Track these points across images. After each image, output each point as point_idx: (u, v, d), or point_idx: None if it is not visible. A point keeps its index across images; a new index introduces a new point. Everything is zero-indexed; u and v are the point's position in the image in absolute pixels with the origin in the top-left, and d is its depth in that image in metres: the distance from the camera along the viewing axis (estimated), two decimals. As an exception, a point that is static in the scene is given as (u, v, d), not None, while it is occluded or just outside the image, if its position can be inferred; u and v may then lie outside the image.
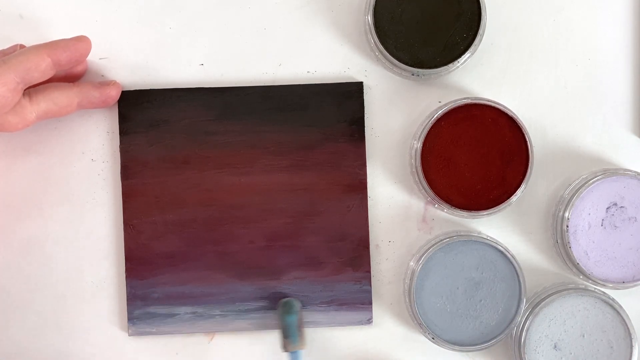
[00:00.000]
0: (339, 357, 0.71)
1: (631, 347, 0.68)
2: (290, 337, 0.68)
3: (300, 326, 0.68)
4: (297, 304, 0.68)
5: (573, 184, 0.69)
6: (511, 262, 0.68)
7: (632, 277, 0.69)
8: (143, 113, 0.70)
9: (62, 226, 0.70)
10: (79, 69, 0.69)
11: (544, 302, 0.68)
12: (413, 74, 0.68)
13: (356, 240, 0.70)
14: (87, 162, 0.70)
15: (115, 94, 0.68)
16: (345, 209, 0.70)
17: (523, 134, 0.67)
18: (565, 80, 0.71)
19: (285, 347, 0.68)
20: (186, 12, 0.70)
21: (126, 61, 0.70)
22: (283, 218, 0.70)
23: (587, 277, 0.68)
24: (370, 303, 0.70)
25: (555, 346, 0.68)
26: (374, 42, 0.68)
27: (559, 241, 0.69)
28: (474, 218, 0.70)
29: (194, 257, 0.70)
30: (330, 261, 0.70)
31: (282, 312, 0.68)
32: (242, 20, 0.70)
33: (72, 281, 0.70)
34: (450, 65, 0.68)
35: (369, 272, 0.70)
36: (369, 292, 0.70)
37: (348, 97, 0.70)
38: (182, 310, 0.70)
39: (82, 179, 0.70)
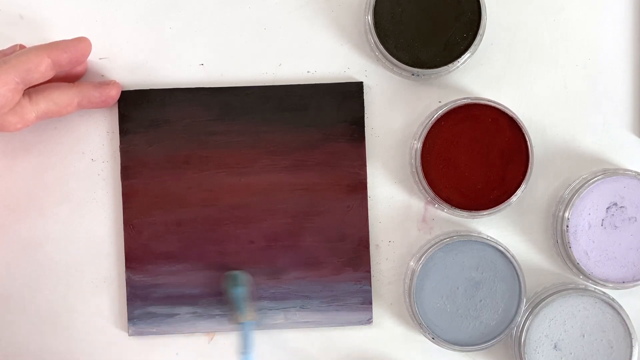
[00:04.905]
0: (339, 357, 0.71)
1: (631, 347, 0.68)
2: (239, 309, 0.67)
3: (248, 298, 0.67)
4: (243, 276, 0.68)
5: (573, 184, 0.69)
6: (511, 262, 0.68)
7: (632, 277, 0.69)
8: (143, 113, 0.70)
9: (62, 226, 0.70)
10: (79, 69, 0.69)
11: (544, 302, 0.68)
12: (413, 74, 0.68)
13: (356, 240, 0.70)
14: (87, 162, 0.70)
15: (115, 94, 0.68)
16: (345, 209, 0.70)
17: (523, 134, 0.67)
18: (565, 80, 0.71)
19: (236, 319, 0.67)
20: (186, 12, 0.70)
21: (126, 61, 0.70)
22: (283, 218, 0.70)
23: (587, 277, 0.68)
24: (370, 303, 0.70)
25: (555, 346, 0.68)
26: (374, 42, 0.68)
27: (559, 241, 0.69)
28: (474, 218, 0.70)
29: (194, 257, 0.70)
30: (330, 261, 0.70)
31: (228, 285, 0.67)
32: (242, 20, 0.70)
33: (72, 281, 0.70)
34: (450, 65, 0.68)
35: (369, 272, 0.70)
36: (369, 292, 0.70)
37: (348, 97, 0.70)
38: (182, 310, 0.70)
39: (82, 179, 0.70)
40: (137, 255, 0.70)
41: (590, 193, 0.68)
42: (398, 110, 0.71)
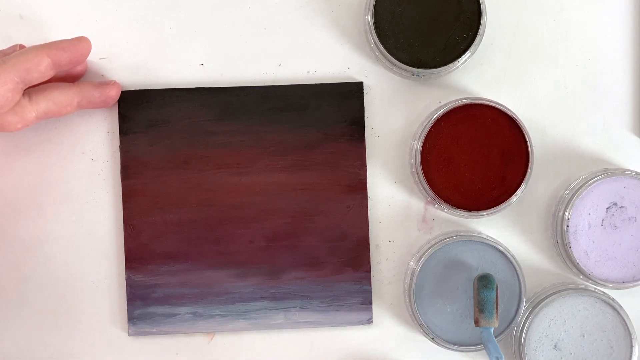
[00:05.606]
0: (339, 357, 0.71)
1: (631, 347, 0.68)
2: (486, 312, 0.64)
3: (496, 303, 0.65)
4: (495, 280, 0.65)
5: (573, 184, 0.69)
6: (511, 262, 0.68)
7: (632, 277, 0.69)
8: (143, 113, 0.70)
9: (62, 226, 0.70)
10: (78, 69, 0.69)
11: (544, 302, 0.68)
12: (413, 74, 0.68)
13: (356, 240, 0.70)
14: (87, 162, 0.70)
15: (115, 94, 0.68)
16: (345, 209, 0.70)
17: (523, 134, 0.67)
18: (565, 80, 0.71)
19: (478, 322, 0.65)
20: (186, 12, 0.70)
21: (126, 61, 0.70)
22: (283, 218, 0.70)
23: (587, 277, 0.68)
24: (370, 303, 0.70)
25: (555, 346, 0.68)
26: (374, 42, 0.68)
27: (559, 241, 0.69)
28: (474, 218, 0.70)
29: (194, 257, 0.70)
30: (330, 261, 0.70)
31: (480, 286, 0.64)
32: (242, 20, 0.70)
33: (72, 281, 0.70)
34: (450, 65, 0.68)
35: (369, 272, 0.70)
36: (369, 292, 0.70)
37: (348, 97, 0.70)
38: (182, 310, 0.70)
39: (82, 179, 0.70)
40: (137, 255, 0.70)
41: (590, 193, 0.68)
42: (398, 110, 0.71)
